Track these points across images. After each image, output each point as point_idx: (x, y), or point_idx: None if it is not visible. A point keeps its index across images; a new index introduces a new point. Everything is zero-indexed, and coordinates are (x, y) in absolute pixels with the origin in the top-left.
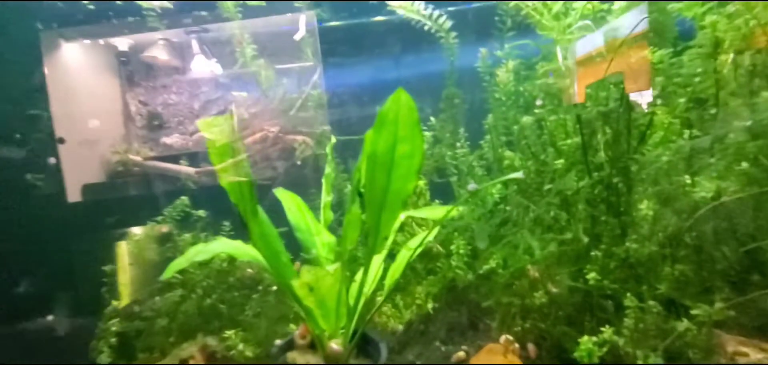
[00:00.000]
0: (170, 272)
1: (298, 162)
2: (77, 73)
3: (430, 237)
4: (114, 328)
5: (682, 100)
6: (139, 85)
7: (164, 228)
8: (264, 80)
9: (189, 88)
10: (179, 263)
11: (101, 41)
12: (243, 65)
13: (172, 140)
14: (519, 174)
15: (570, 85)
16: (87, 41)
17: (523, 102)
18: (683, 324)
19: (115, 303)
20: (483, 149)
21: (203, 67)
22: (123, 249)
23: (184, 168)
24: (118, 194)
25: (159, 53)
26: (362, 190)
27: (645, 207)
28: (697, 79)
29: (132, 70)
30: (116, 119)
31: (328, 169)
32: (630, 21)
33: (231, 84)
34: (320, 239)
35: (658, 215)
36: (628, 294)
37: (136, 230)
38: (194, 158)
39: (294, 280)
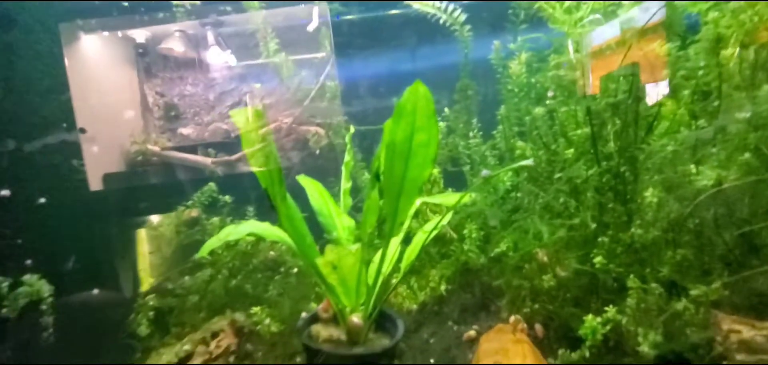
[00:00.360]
0: (205, 251)
1: (317, 152)
2: (97, 64)
3: (444, 222)
4: (151, 303)
5: (686, 92)
6: (157, 76)
7: (194, 213)
8: (278, 71)
9: (204, 80)
10: (212, 242)
11: (119, 33)
12: (258, 56)
13: (189, 130)
14: (529, 161)
15: (582, 77)
16: (106, 33)
17: (534, 94)
18: (681, 304)
19: (150, 280)
20: (495, 139)
21: (218, 58)
22: (148, 234)
23: (200, 158)
24: (138, 182)
25: (175, 45)
26: (381, 177)
27: (650, 195)
28: (700, 72)
29: (149, 62)
30: (135, 110)
31: (347, 157)
32: (645, 12)
33: (246, 75)
34: (340, 223)
35: (662, 202)
36: (632, 276)
37: (157, 218)
38: (210, 148)
39: (318, 259)
